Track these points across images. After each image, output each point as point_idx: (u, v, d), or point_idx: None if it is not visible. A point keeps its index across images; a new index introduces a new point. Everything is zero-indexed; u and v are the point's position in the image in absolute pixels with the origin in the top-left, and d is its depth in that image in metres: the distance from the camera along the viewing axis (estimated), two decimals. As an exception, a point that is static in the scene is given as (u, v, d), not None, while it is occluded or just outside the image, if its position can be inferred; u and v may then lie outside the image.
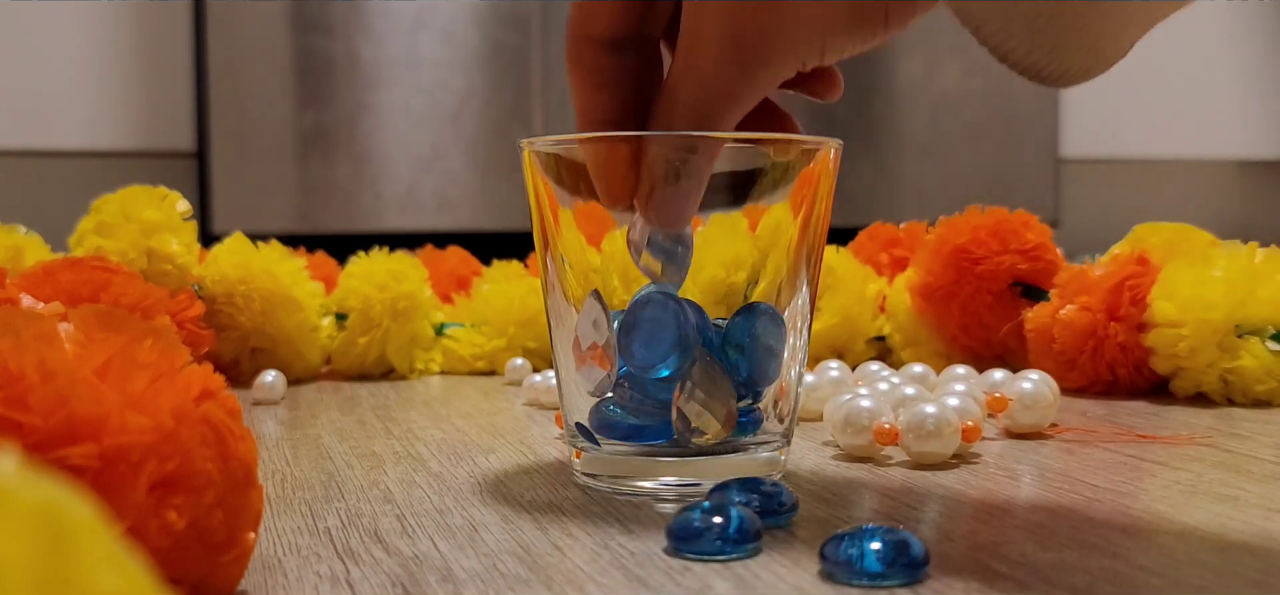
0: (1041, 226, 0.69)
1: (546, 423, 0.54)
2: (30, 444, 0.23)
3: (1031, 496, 0.38)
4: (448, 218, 1.50)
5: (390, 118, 1.48)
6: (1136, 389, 0.60)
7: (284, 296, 0.68)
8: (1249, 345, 0.56)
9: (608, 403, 0.39)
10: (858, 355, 0.71)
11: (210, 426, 0.26)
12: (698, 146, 0.36)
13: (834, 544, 0.29)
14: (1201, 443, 0.47)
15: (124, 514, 0.24)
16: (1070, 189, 1.87)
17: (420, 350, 0.72)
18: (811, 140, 0.38)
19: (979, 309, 0.67)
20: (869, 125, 1.66)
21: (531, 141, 0.39)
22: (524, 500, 0.38)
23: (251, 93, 1.44)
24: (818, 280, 0.41)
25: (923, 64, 1.66)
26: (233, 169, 1.44)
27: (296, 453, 0.47)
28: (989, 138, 1.70)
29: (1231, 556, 0.31)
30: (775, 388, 0.39)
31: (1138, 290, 0.59)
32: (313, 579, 0.30)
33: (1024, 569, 0.30)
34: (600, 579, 0.30)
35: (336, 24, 1.46)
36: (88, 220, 0.64)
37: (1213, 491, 0.38)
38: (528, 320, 0.72)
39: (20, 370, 0.24)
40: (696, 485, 0.38)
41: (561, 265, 0.39)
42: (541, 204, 0.40)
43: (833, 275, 0.70)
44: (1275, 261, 0.58)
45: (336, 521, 0.36)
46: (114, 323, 0.26)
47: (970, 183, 1.69)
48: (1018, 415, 0.48)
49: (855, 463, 0.44)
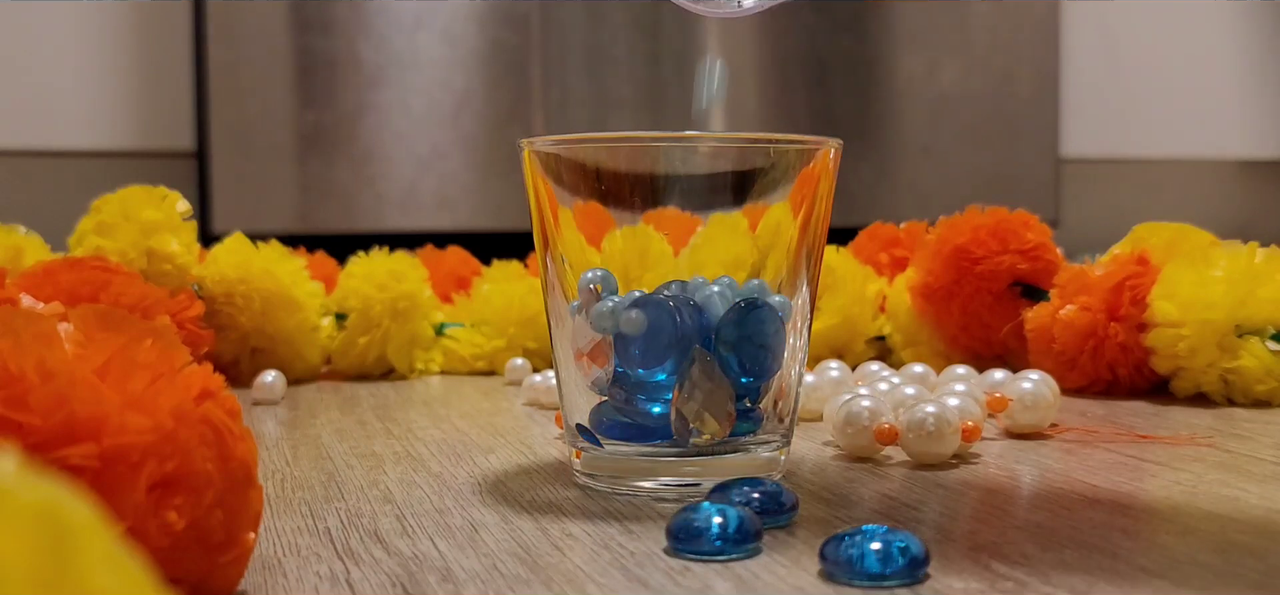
0: (1042, 226, 0.69)
1: (546, 423, 0.54)
2: (30, 444, 0.23)
3: (1031, 496, 0.38)
4: (448, 217, 1.50)
5: (390, 118, 1.48)
6: (1137, 389, 0.60)
7: (284, 296, 0.68)
8: (1249, 345, 0.56)
9: (607, 403, 0.39)
10: (858, 355, 0.71)
11: (210, 426, 0.26)
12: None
13: (834, 544, 0.29)
14: (1202, 443, 0.47)
15: (124, 514, 0.24)
16: (1070, 189, 1.87)
17: (420, 350, 0.72)
18: (811, 140, 0.38)
19: (979, 309, 0.67)
20: (869, 125, 1.66)
21: (531, 141, 0.39)
22: (524, 500, 0.38)
23: (251, 93, 1.44)
24: (818, 280, 0.41)
25: (923, 64, 1.66)
26: (233, 169, 1.44)
27: (296, 453, 0.47)
28: (989, 138, 1.70)
29: (1232, 557, 0.31)
30: (775, 388, 0.39)
31: (1138, 290, 0.59)
32: (313, 579, 0.30)
33: (1024, 569, 0.30)
34: (600, 579, 0.30)
35: (336, 24, 1.46)
36: (87, 220, 0.64)
37: (1213, 492, 0.38)
38: (528, 320, 0.72)
39: (20, 370, 0.24)
40: (696, 485, 0.38)
41: (561, 265, 0.39)
42: (541, 204, 0.40)
43: (833, 275, 0.70)
44: (1276, 261, 0.58)
45: (336, 521, 0.36)
46: (114, 323, 0.26)
47: (970, 183, 1.69)
48: (1018, 415, 0.48)
49: (855, 463, 0.44)
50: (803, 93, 1.63)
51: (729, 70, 0.35)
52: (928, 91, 1.67)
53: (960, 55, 1.67)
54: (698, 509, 0.31)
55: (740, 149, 0.40)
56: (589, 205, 0.39)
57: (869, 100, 1.67)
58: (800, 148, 0.38)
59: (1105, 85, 1.88)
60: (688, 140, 0.39)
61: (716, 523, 0.31)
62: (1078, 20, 1.83)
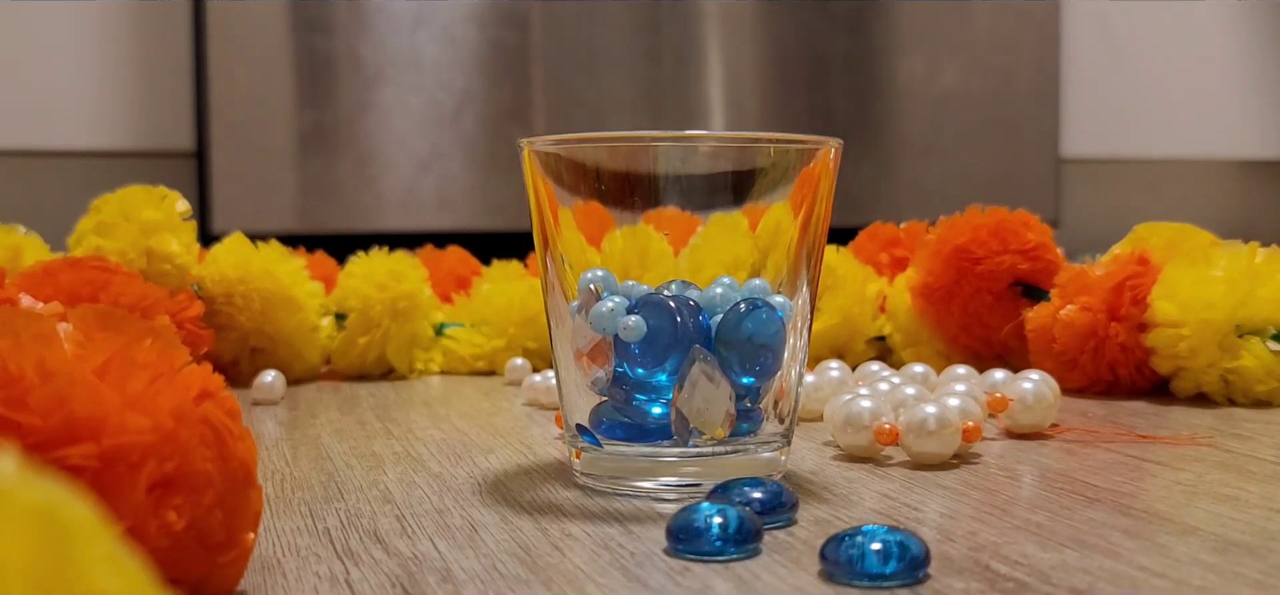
0: (1042, 226, 0.69)
1: (546, 423, 0.54)
2: (30, 444, 0.23)
3: (1032, 496, 0.38)
4: (448, 218, 1.50)
5: (390, 118, 1.48)
6: (1137, 389, 0.60)
7: (284, 296, 0.68)
8: (1250, 345, 0.56)
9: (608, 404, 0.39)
10: (858, 355, 0.71)
11: (210, 427, 0.26)
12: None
13: (834, 544, 0.29)
14: (1202, 443, 0.47)
15: (123, 514, 0.24)
16: (1070, 189, 1.87)
17: (420, 350, 0.72)
18: (811, 140, 0.38)
19: (979, 309, 0.67)
20: (869, 125, 1.66)
21: (531, 141, 0.39)
22: (524, 500, 0.38)
23: (251, 93, 1.44)
24: (818, 280, 0.41)
25: (923, 64, 1.66)
26: (232, 169, 1.44)
27: (296, 453, 0.47)
28: (989, 138, 1.70)
29: (1232, 557, 0.31)
30: (775, 388, 0.39)
31: (1138, 290, 0.59)
32: (312, 579, 0.30)
33: (1024, 569, 0.30)
34: (600, 579, 0.30)
35: (336, 24, 1.46)
36: (87, 220, 0.64)
37: (1213, 492, 0.38)
38: (528, 320, 0.72)
39: (20, 370, 0.24)
40: (696, 485, 0.38)
41: (561, 265, 0.39)
42: (541, 204, 0.40)
43: (833, 275, 0.70)
44: (1276, 261, 0.58)
45: (336, 522, 0.36)
46: (113, 323, 0.26)
47: (970, 183, 1.69)
48: (1018, 415, 0.48)
49: (855, 463, 0.44)
50: (803, 93, 1.63)
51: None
52: (928, 91, 1.67)
53: (960, 55, 1.67)
54: (698, 509, 0.31)
55: (740, 149, 0.40)
56: (589, 205, 0.39)
57: (869, 100, 1.66)
58: (800, 148, 0.38)
59: (1105, 85, 1.88)
60: (688, 140, 0.39)
61: (716, 523, 0.31)
62: (1078, 20, 1.83)
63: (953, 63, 1.67)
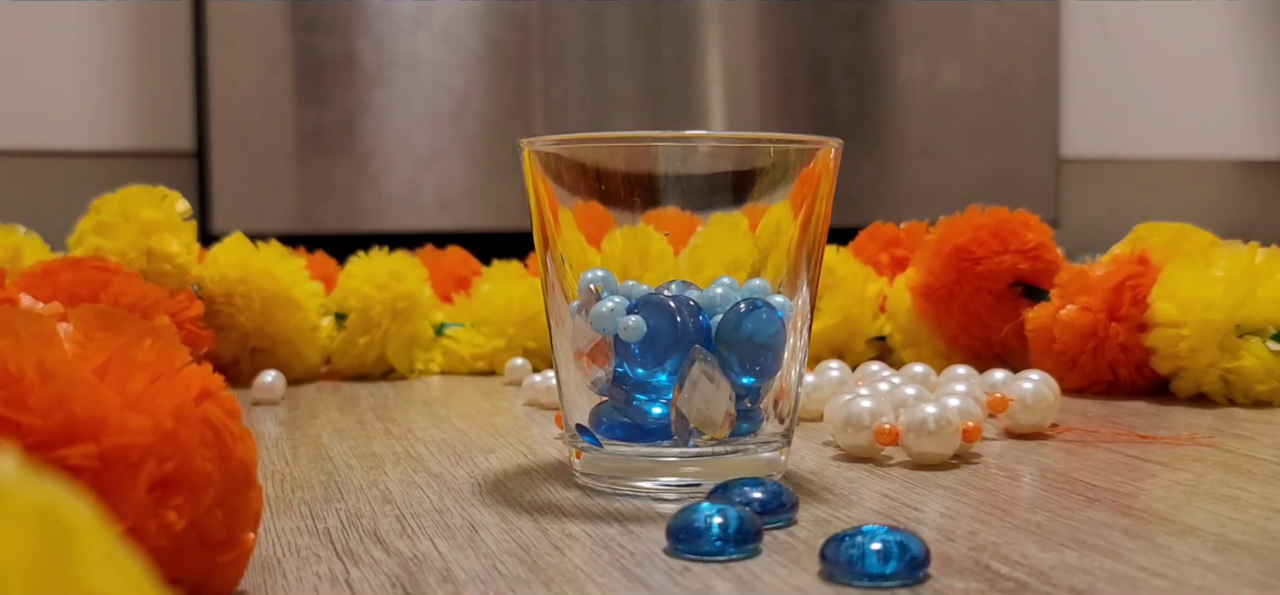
0: (1042, 226, 0.69)
1: (546, 423, 0.54)
2: (30, 444, 0.23)
3: (1032, 496, 0.38)
4: (448, 218, 1.50)
5: (390, 118, 1.48)
6: (1137, 389, 0.60)
7: (283, 296, 0.68)
8: (1250, 345, 0.56)
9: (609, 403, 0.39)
10: (858, 355, 0.71)
11: (210, 427, 0.26)
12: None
13: (834, 544, 0.29)
14: (1202, 443, 0.47)
15: (123, 514, 0.24)
16: (1070, 189, 1.87)
17: (420, 350, 0.71)
18: (812, 140, 0.38)
19: (979, 309, 0.67)
20: (869, 125, 1.66)
21: (531, 141, 0.39)
22: (524, 500, 0.38)
23: (251, 93, 1.44)
24: (818, 280, 0.41)
25: (923, 64, 1.66)
26: (232, 169, 1.44)
27: (296, 453, 0.47)
28: (989, 138, 1.70)
29: (1232, 557, 0.31)
30: (775, 388, 0.39)
31: (1138, 290, 0.59)
32: (312, 579, 0.30)
33: (1024, 569, 0.30)
34: (600, 579, 0.30)
35: (336, 24, 1.46)
36: (87, 220, 0.64)
37: (1213, 492, 0.38)
38: (528, 320, 0.72)
39: (20, 370, 0.24)
40: (696, 485, 0.38)
41: (561, 265, 0.39)
42: (541, 204, 0.40)
43: (833, 275, 0.70)
44: (1276, 261, 0.58)
45: (336, 522, 0.36)
46: (113, 323, 0.26)
47: (970, 183, 1.69)
48: (1018, 415, 0.48)
49: (855, 463, 0.44)
50: (803, 93, 1.63)
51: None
52: (928, 91, 1.67)
53: (960, 55, 1.67)
54: (698, 509, 0.31)
55: (740, 149, 0.40)
56: (589, 205, 0.39)
57: (869, 100, 1.66)
58: (800, 148, 0.38)
59: (1105, 85, 1.88)
60: (688, 140, 0.39)
61: (716, 523, 0.31)
62: (1078, 20, 1.83)
63: (953, 63, 1.67)
